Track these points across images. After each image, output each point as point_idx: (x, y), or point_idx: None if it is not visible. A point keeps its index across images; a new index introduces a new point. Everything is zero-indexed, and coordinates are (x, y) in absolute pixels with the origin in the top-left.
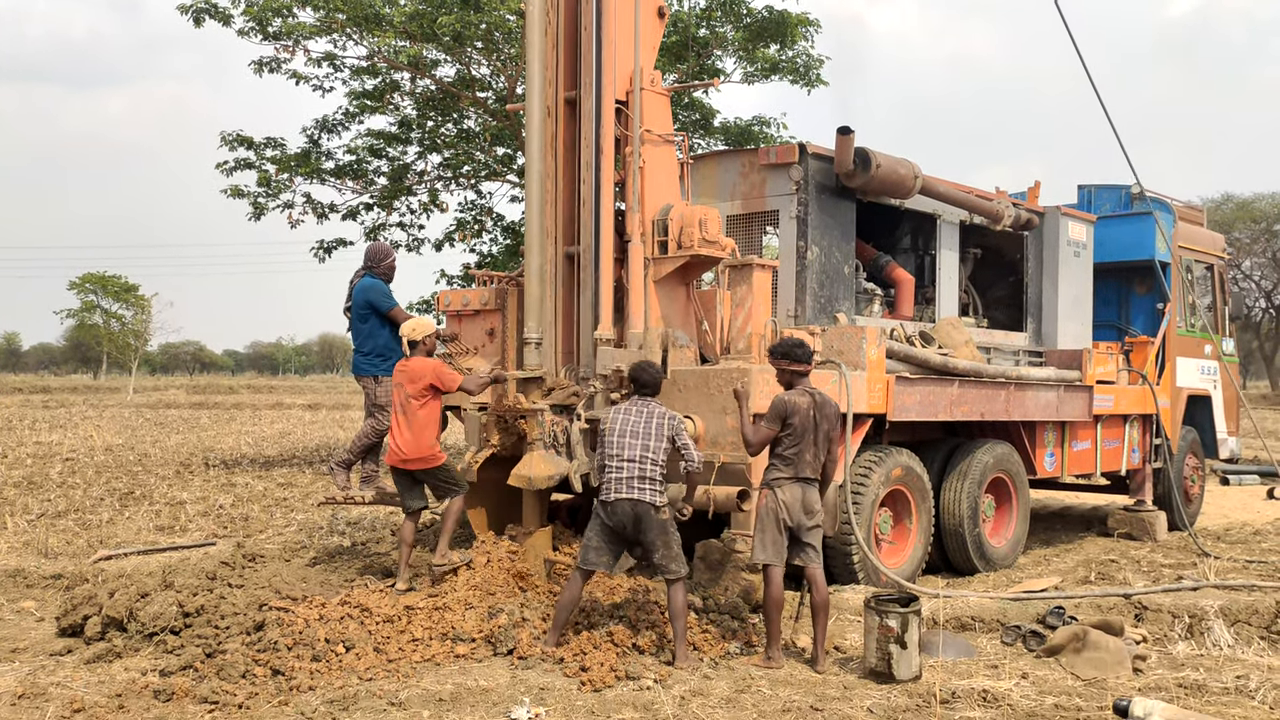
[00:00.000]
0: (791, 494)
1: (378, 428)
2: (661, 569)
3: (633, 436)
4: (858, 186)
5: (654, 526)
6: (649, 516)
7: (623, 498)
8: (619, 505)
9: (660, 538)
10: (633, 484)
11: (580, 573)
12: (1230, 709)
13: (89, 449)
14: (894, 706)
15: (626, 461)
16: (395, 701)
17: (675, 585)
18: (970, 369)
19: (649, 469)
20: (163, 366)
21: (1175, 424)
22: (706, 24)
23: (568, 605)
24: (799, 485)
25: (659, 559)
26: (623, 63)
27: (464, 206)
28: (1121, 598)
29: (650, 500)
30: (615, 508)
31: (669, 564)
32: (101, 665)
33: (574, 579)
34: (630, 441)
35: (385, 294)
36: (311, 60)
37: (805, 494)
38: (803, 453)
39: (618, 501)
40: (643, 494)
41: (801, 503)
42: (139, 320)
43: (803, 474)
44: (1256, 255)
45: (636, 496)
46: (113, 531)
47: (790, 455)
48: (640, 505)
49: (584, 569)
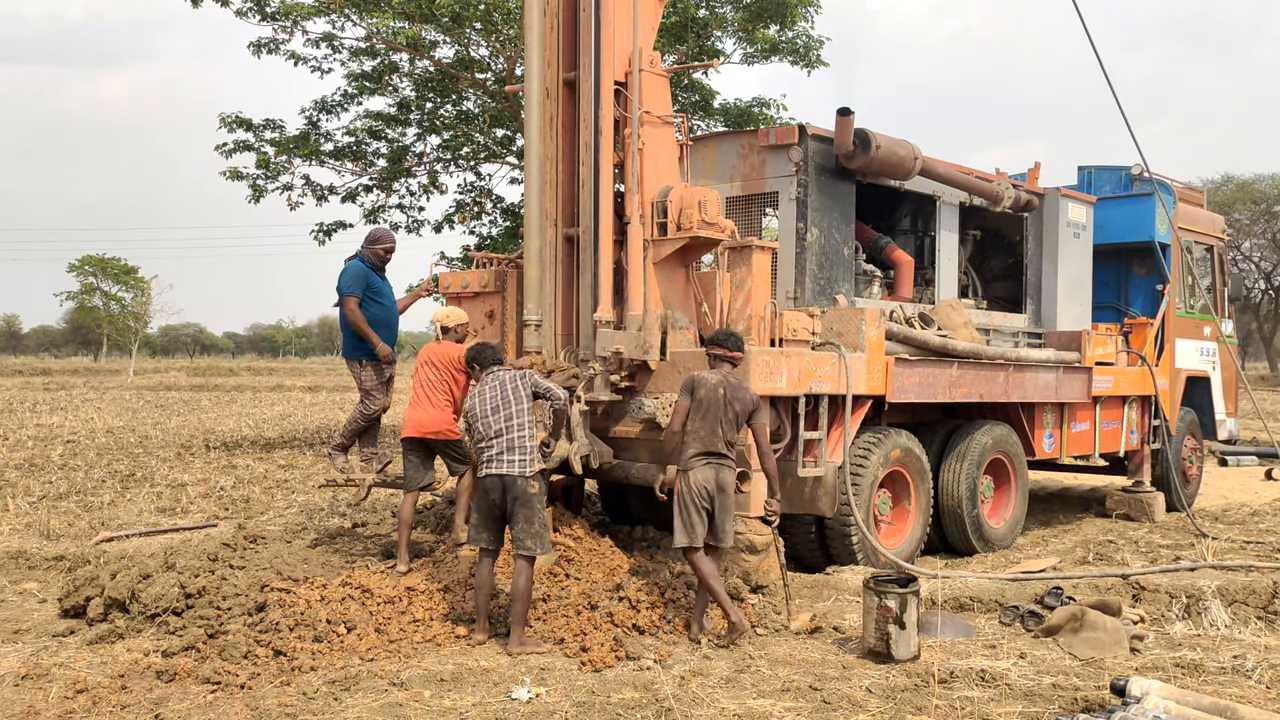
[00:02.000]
0: (704, 475)
1: (365, 412)
2: (516, 541)
3: (493, 413)
4: (857, 168)
5: (520, 497)
6: (514, 486)
7: (491, 473)
8: (488, 480)
9: (523, 510)
10: (500, 459)
11: (481, 554)
12: (1227, 688)
13: (90, 431)
14: (893, 686)
15: (494, 439)
16: (397, 682)
17: (522, 563)
18: (969, 350)
19: (515, 437)
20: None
21: (1174, 405)
22: (706, 5)
23: (485, 590)
24: (710, 466)
25: (517, 531)
26: (622, 44)
27: (463, 188)
28: (1119, 578)
29: (518, 472)
30: (485, 483)
31: (525, 539)
32: (104, 646)
33: (480, 562)
34: (492, 419)
35: (355, 280)
36: (310, 41)
37: (718, 474)
38: (713, 429)
39: (488, 476)
40: (511, 467)
41: (715, 482)
42: (139, 302)
43: (713, 450)
44: (1256, 236)
45: (505, 471)
46: (114, 513)
47: (699, 431)
48: (507, 478)
49: (480, 549)
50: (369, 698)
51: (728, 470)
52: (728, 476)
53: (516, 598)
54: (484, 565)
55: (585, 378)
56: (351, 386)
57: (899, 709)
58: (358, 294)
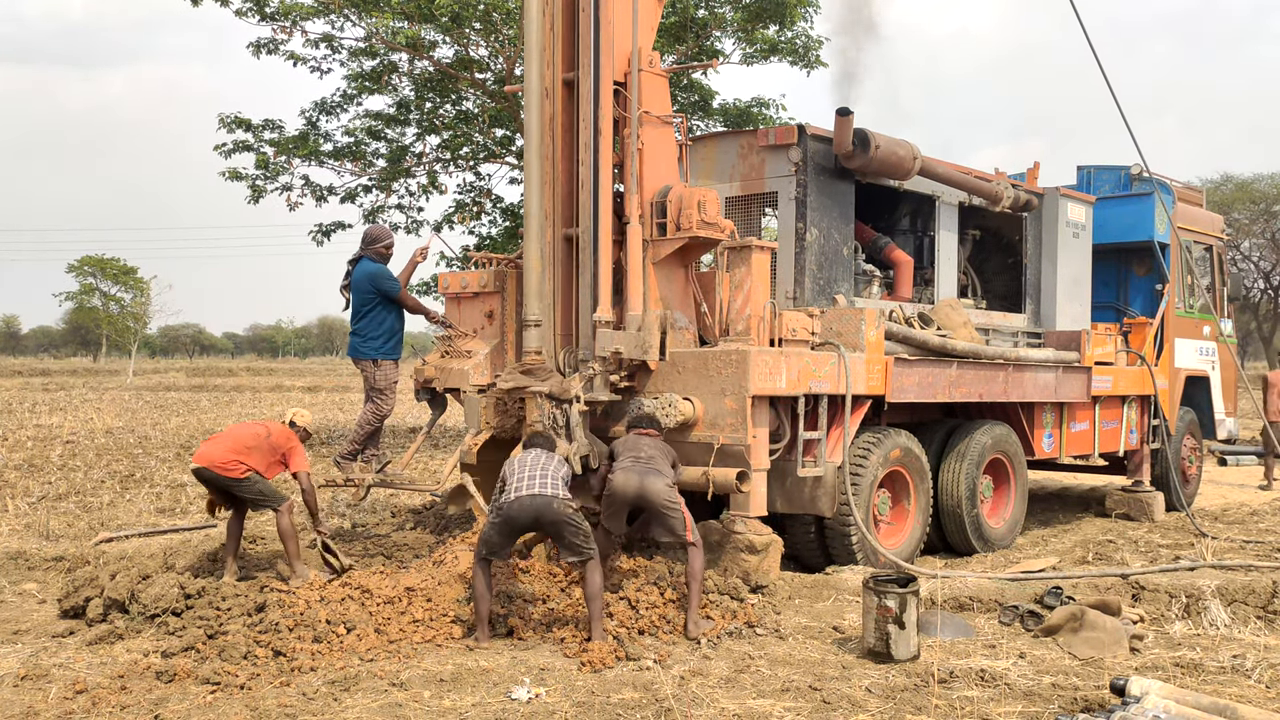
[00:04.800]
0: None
1: (378, 412)
2: (569, 551)
3: (530, 469)
4: (857, 168)
5: (557, 519)
6: (549, 509)
7: (523, 494)
8: (517, 504)
9: (565, 527)
10: (533, 482)
11: (483, 563)
12: (1227, 688)
13: (89, 431)
14: (892, 686)
15: (525, 476)
16: (396, 682)
17: (585, 566)
18: (969, 350)
19: (550, 479)
20: (162, 349)
21: (1173, 405)
22: (705, 5)
23: (484, 597)
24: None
25: (565, 545)
26: (621, 44)
27: (463, 188)
28: (1119, 578)
29: (552, 493)
30: (512, 508)
31: (576, 544)
32: (103, 646)
33: (478, 571)
34: (529, 467)
35: (391, 278)
36: (309, 41)
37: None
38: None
39: (517, 500)
40: (545, 488)
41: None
42: (138, 303)
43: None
44: (1255, 236)
45: (538, 491)
46: (114, 514)
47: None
48: (540, 498)
49: (486, 559)
50: (369, 698)
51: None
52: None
53: (592, 597)
54: (483, 575)
55: (585, 378)
56: (351, 386)
57: (899, 709)
58: (400, 285)
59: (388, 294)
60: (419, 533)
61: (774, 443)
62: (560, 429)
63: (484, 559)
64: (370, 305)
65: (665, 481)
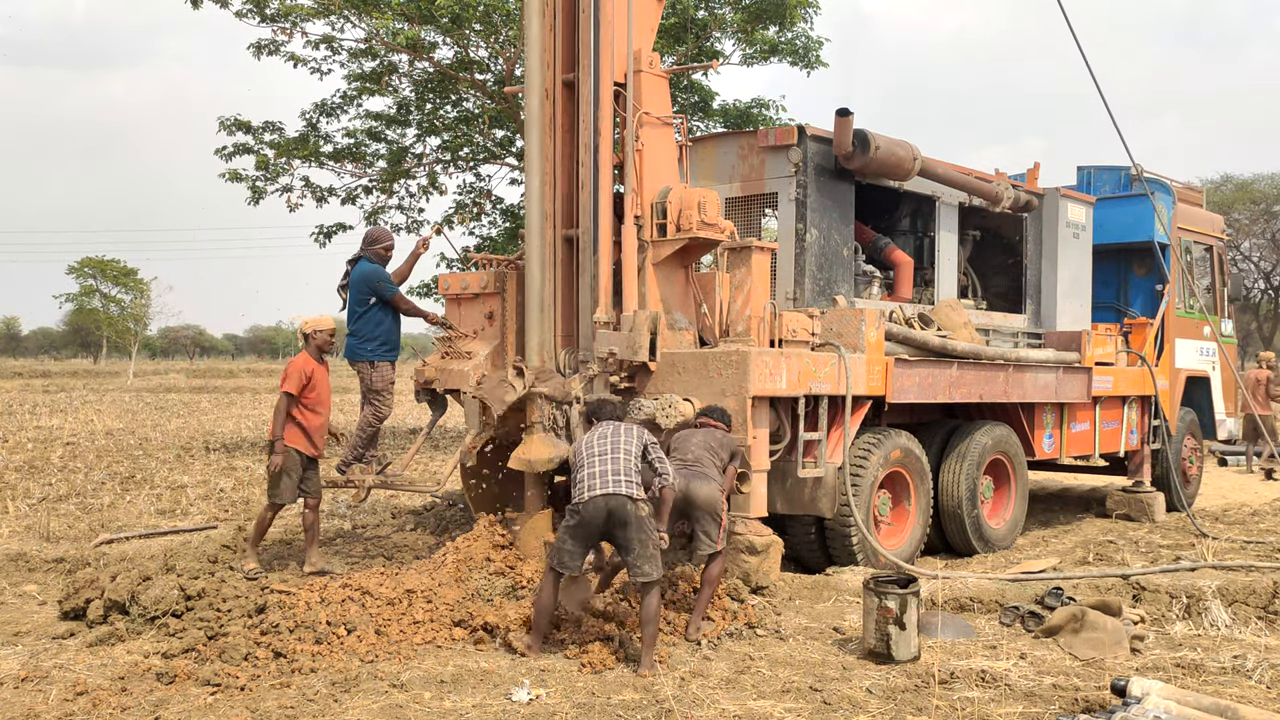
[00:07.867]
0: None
1: (378, 414)
2: (633, 569)
3: (600, 440)
4: (857, 168)
5: (631, 522)
6: (623, 510)
7: (595, 493)
8: (591, 504)
9: (636, 535)
10: (605, 478)
11: (552, 574)
12: (1228, 688)
13: (90, 433)
14: (893, 687)
15: (597, 459)
16: (397, 683)
17: (645, 588)
18: (969, 351)
19: (624, 464)
20: (162, 350)
21: (1174, 405)
22: (705, 6)
23: (546, 610)
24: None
25: (633, 559)
26: (621, 45)
27: (463, 189)
28: (1119, 578)
29: (626, 493)
30: (586, 508)
31: (642, 564)
32: (104, 648)
33: (546, 581)
34: (596, 446)
35: (388, 281)
36: (309, 42)
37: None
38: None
39: (590, 500)
40: (619, 487)
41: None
42: (138, 304)
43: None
44: (1255, 236)
45: (612, 490)
46: (114, 515)
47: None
48: (614, 499)
49: (556, 570)
50: (369, 699)
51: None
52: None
53: (648, 620)
54: (550, 586)
55: (585, 378)
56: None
57: (899, 710)
58: (396, 288)
59: (384, 297)
60: (419, 534)
61: (774, 443)
62: (561, 430)
63: (553, 570)
64: (367, 306)
65: (713, 487)
